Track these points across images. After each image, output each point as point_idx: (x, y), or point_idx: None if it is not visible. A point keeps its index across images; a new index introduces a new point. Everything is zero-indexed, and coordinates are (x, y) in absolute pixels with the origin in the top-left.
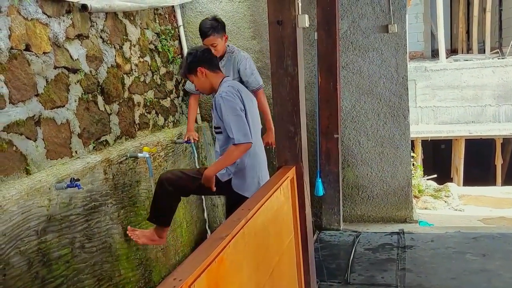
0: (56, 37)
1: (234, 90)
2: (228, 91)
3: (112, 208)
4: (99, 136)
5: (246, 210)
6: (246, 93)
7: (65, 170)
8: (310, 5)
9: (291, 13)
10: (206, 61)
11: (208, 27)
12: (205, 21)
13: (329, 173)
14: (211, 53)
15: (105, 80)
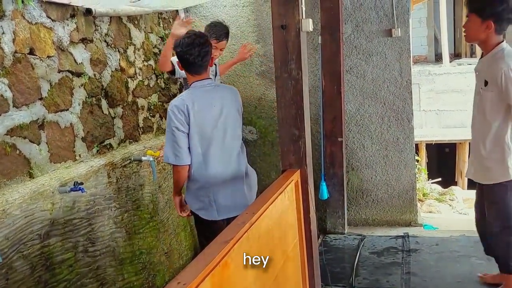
0: (60, 41)
1: (181, 105)
2: (176, 104)
3: (116, 211)
4: (103, 139)
5: (250, 214)
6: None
7: (68, 173)
8: (314, 9)
9: (295, 17)
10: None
11: (227, 32)
12: (223, 25)
13: (334, 177)
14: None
15: (109, 84)
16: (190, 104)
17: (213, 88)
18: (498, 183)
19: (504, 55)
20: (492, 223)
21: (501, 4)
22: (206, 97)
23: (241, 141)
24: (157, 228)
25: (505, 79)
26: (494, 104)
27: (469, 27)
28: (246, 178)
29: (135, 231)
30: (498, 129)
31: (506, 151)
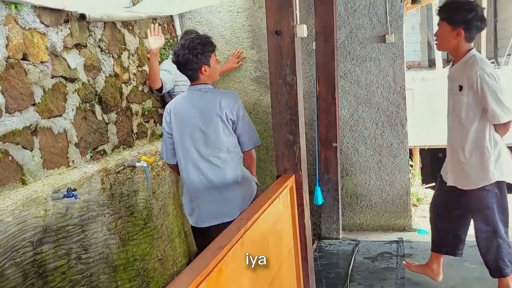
0: (54, 47)
1: (168, 107)
2: (166, 106)
3: (109, 218)
4: (97, 145)
5: (245, 220)
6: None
7: (61, 180)
8: (308, 15)
9: (289, 23)
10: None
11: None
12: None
13: (328, 182)
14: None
15: (103, 89)
16: (172, 106)
17: (205, 92)
18: (480, 187)
19: (477, 60)
20: (480, 229)
21: (470, 12)
22: (191, 101)
23: (231, 149)
24: (151, 234)
25: (481, 82)
26: (470, 108)
27: (440, 35)
28: (236, 187)
29: (129, 238)
30: (476, 133)
31: (485, 155)
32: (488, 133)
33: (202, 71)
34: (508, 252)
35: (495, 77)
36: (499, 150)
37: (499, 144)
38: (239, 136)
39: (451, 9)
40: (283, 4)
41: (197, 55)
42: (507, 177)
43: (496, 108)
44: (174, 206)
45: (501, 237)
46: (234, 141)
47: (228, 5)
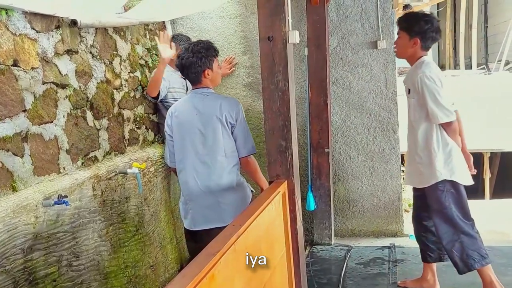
0: (45, 53)
1: (170, 109)
2: (169, 109)
3: (101, 225)
4: (88, 152)
5: (237, 226)
6: (183, 112)
7: (52, 186)
8: (300, 21)
9: (282, 29)
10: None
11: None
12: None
13: (320, 188)
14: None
15: (95, 96)
16: (174, 109)
17: (206, 96)
18: (435, 188)
19: (422, 65)
20: (440, 230)
21: (426, 24)
22: (192, 104)
23: (229, 153)
24: (142, 241)
25: (421, 83)
26: (417, 110)
27: (399, 43)
28: (231, 193)
29: (120, 245)
30: (424, 133)
31: (432, 154)
32: (435, 134)
33: (205, 74)
34: (474, 245)
35: (435, 80)
36: (449, 151)
37: (450, 145)
38: (234, 140)
39: (410, 20)
40: (275, 11)
41: (201, 59)
42: (457, 177)
43: (435, 108)
44: (166, 213)
45: (463, 232)
46: (232, 145)
47: (220, 11)
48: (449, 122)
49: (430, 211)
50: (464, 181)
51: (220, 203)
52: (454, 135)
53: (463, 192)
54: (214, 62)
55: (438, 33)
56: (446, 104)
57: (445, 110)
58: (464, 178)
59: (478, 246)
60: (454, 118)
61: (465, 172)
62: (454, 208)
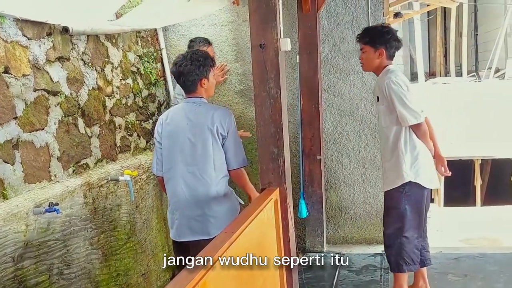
0: (36, 60)
1: (161, 117)
2: (160, 116)
3: (92, 232)
4: (79, 159)
5: (229, 233)
6: (173, 120)
7: (43, 194)
8: (292, 29)
9: (273, 36)
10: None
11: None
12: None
13: (313, 195)
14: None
15: (86, 103)
16: (165, 117)
17: (199, 105)
18: (396, 188)
19: (388, 72)
20: (387, 225)
21: (388, 34)
22: (184, 113)
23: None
24: (134, 249)
25: (388, 89)
26: (386, 116)
27: (365, 57)
28: (218, 206)
29: (112, 252)
30: (394, 138)
31: (400, 156)
32: (403, 136)
33: (202, 83)
34: (412, 251)
35: (401, 84)
36: (417, 154)
37: (418, 148)
38: (225, 152)
39: (371, 33)
40: (267, 18)
41: (199, 67)
42: (421, 179)
43: (403, 111)
44: (158, 220)
45: (405, 235)
46: (222, 157)
47: (212, 19)
48: (418, 124)
49: (384, 209)
50: (428, 184)
51: (207, 215)
52: (425, 137)
53: (422, 196)
54: (210, 72)
55: (399, 42)
56: (414, 107)
57: (413, 112)
58: (428, 181)
59: (413, 252)
60: (422, 119)
61: (431, 176)
62: (408, 210)
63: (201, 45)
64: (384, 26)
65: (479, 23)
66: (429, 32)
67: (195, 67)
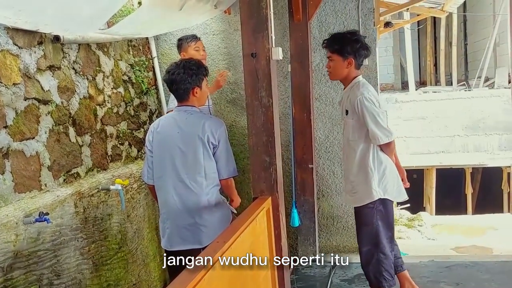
0: (27, 68)
1: (152, 125)
2: (151, 125)
3: (83, 242)
4: (70, 168)
5: (221, 242)
6: (165, 128)
7: (33, 203)
8: (283, 38)
9: (265, 46)
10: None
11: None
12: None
13: (305, 204)
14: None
15: (77, 111)
16: (156, 125)
17: (190, 114)
18: (365, 205)
19: (360, 86)
20: (362, 243)
21: (357, 42)
22: (175, 121)
23: (209, 174)
24: (125, 258)
25: (361, 105)
26: (355, 130)
27: (333, 66)
28: (209, 215)
29: (103, 262)
30: (361, 153)
31: (369, 173)
32: (372, 154)
33: (194, 92)
34: (389, 266)
35: (374, 101)
36: (383, 169)
37: (384, 163)
38: (216, 161)
39: (340, 41)
40: (258, 27)
41: (192, 76)
42: (390, 195)
43: (376, 129)
44: (149, 230)
45: (382, 252)
46: (213, 166)
47: (203, 28)
48: (389, 142)
49: (357, 226)
50: (397, 198)
51: (198, 224)
52: (391, 154)
53: (391, 210)
54: (203, 81)
55: (368, 50)
56: (386, 125)
57: (385, 131)
58: (397, 195)
59: (391, 266)
60: (393, 138)
61: (398, 189)
62: (381, 226)
63: (189, 41)
64: (352, 33)
65: (469, 33)
66: (420, 41)
67: (188, 76)
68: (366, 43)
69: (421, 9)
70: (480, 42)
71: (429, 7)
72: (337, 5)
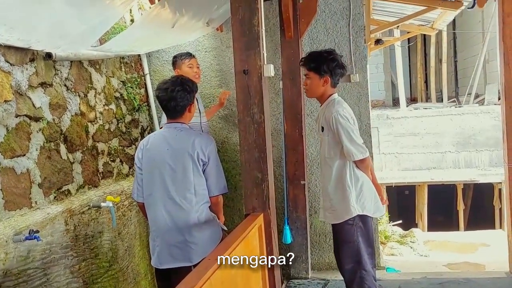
0: (19, 85)
1: (142, 142)
2: (141, 142)
3: (73, 260)
4: (61, 185)
5: (213, 260)
6: (154, 145)
7: (23, 221)
8: (275, 55)
9: (257, 63)
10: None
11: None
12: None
13: (297, 220)
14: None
15: (69, 128)
16: (146, 142)
17: (180, 131)
18: (345, 221)
19: (335, 103)
20: (345, 261)
21: (333, 61)
22: (165, 138)
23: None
24: (116, 277)
25: (335, 122)
26: (331, 147)
27: (310, 84)
28: (199, 232)
29: (93, 281)
30: (338, 170)
31: (347, 190)
32: (348, 170)
33: (190, 109)
34: (371, 283)
35: (349, 118)
36: (360, 186)
37: (361, 180)
38: (206, 178)
39: (316, 60)
40: (250, 45)
41: (189, 92)
42: (368, 211)
43: (350, 146)
44: (140, 247)
45: (364, 269)
46: (203, 183)
47: (196, 45)
48: (364, 158)
49: (338, 244)
50: (375, 214)
51: (188, 241)
52: (367, 170)
53: (371, 226)
54: (195, 97)
55: (344, 69)
56: (360, 142)
57: (359, 147)
58: (375, 211)
59: (373, 283)
60: (367, 154)
61: (376, 205)
62: (362, 242)
63: (183, 59)
64: (329, 52)
65: (458, 50)
66: (410, 58)
67: (186, 92)
68: (343, 62)
69: (411, 26)
70: (470, 59)
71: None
72: (328, 22)
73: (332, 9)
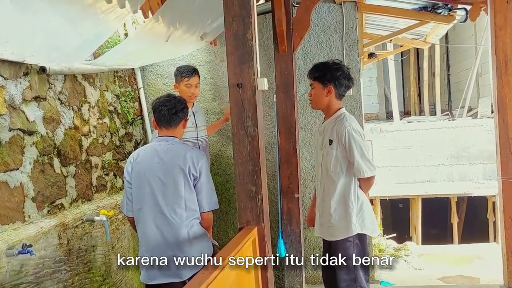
0: (12, 99)
1: (132, 155)
2: (131, 155)
3: (66, 275)
4: (54, 199)
5: (207, 273)
6: (144, 159)
7: (17, 235)
8: (269, 69)
9: (251, 76)
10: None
11: (194, 69)
12: (189, 65)
13: (291, 234)
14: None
15: (62, 142)
16: (136, 155)
17: (172, 145)
18: (344, 239)
19: (346, 118)
20: (341, 279)
21: (337, 71)
22: (156, 152)
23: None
24: None
25: (348, 136)
26: (338, 162)
27: (314, 94)
28: (189, 247)
29: None
30: (342, 187)
31: (349, 207)
32: (353, 187)
33: (183, 124)
34: None
35: (361, 134)
36: (361, 204)
37: (361, 198)
38: (197, 193)
39: (321, 69)
40: (244, 58)
41: (186, 108)
42: (367, 230)
43: (361, 162)
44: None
45: (360, 286)
46: (193, 198)
47: (190, 59)
48: (372, 176)
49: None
50: (372, 233)
51: (178, 257)
52: (370, 188)
53: (367, 244)
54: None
55: (350, 81)
56: (370, 158)
57: (370, 164)
58: (373, 230)
59: None
60: (376, 172)
61: (374, 224)
62: (358, 260)
63: (183, 76)
64: (335, 62)
65: (451, 64)
66: (403, 72)
67: (185, 107)
68: (350, 74)
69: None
70: (463, 73)
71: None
72: (321, 36)
73: (325, 23)
